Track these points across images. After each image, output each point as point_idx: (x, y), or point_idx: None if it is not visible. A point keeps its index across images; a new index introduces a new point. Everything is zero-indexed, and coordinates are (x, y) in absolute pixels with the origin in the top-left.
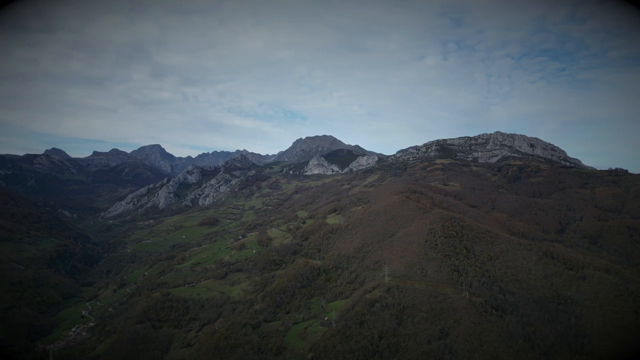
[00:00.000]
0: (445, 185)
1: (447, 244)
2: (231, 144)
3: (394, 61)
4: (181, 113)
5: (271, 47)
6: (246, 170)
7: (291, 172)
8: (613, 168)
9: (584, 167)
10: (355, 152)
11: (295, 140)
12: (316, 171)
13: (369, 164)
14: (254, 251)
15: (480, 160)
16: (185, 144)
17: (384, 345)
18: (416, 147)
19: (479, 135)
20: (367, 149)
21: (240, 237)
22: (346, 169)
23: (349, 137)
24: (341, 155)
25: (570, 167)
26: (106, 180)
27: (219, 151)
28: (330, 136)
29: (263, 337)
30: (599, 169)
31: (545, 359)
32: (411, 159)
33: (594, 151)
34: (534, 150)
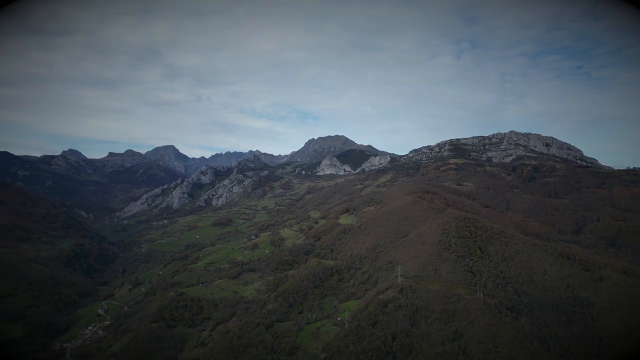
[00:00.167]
0: (459, 185)
1: (460, 245)
2: (244, 145)
3: (406, 60)
4: (194, 114)
5: (283, 48)
6: (259, 171)
7: (303, 172)
8: (631, 167)
9: (600, 166)
10: (368, 152)
11: (307, 140)
12: (328, 171)
13: (381, 164)
14: (266, 251)
15: (494, 160)
16: (198, 144)
17: (397, 346)
18: (429, 147)
19: (493, 134)
20: (380, 149)
21: (253, 237)
22: (358, 169)
23: (361, 137)
24: (353, 155)
25: (587, 166)
26: (121, 180)
27: (232, 152)
28: (343, 136)
29: (276, 336)
30: (616, 168)
31: None
32: (424, 158)
33: (611, 150)
34: (549, 149)
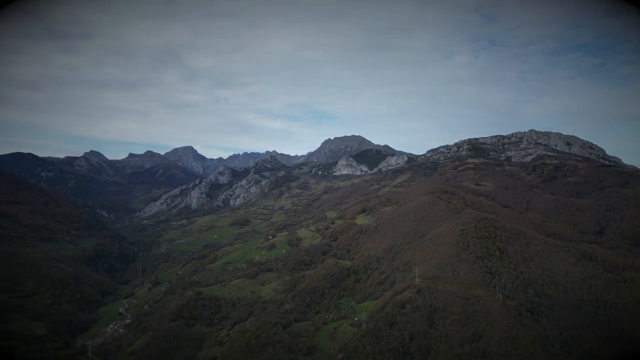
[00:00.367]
0: (478, 185)
1: (479, 245)
2: (261, 145)
3: (423, 60)
4: (212, 115)
5: (300, 48)
6: (276, 171)
7: (320, 172)
8: None
9: (624, 165)
10: (385, 152)
11: (324, 140)
12: (345, 171)
13: (398, 164)
14: (283, 251)
15: (513, 160)
16: (216, 145)
17: (414, 347)
18: (447, 147)
19: (512, 133)
20: (397, 148)
21: (270, 237)
22: (375, 169)
23: (377, 137)
24: (370, 155)
25: (610, 165)
26: (141, 181)
27: (249, 152)
28: (359, 136)
29: (293, 336)
30: None
31: None
32: (442, 158)
33: (635, 149)
34: (570, 148)
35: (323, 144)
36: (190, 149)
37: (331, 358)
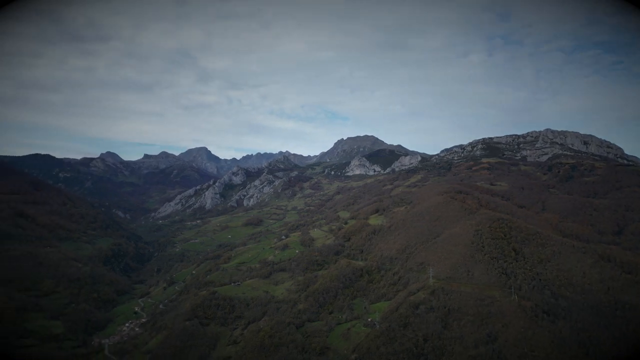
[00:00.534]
0: (492, 185)
1: (494, 246)
2: (274, 146)
3: (436, 59)
4: (226, 116)
5: (312, 49)
6: (289, 171)
7: (333, 172)
8: None
9: None
10: (398, 152)
11: (336, 140)
12: (358, 171)
13: (411, 163)
14: (296, 251)
15: (529, 159)
16: (230, 146)
17: (428, 348)
18: (461, 146)
19: (527, 133)
20: (410, 148)
21: (284, 237)
22: (388, 169)
23: (390, 137)
24: (383, 155)
25: (628, 165)
26: (156, 181)
27: (262, 153)
28: (372, 136)
29: (307, 336)
30: None
31: None
32: (456, 158)
33: None
34: (587, 147)
35: (336, 144)
36: (204, 149)
37: (344, 358)
